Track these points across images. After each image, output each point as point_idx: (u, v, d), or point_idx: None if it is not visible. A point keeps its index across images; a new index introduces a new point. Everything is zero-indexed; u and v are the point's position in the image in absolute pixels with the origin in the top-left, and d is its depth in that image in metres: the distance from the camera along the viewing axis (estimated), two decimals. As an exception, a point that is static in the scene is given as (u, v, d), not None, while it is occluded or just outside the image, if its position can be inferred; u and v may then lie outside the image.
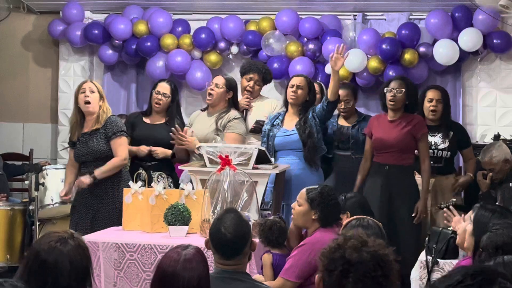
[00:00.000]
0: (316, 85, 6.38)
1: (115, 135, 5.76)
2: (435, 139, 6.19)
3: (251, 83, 6.47)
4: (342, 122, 6.49)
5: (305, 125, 5.93)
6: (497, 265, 2.86)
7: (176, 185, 5.86)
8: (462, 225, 4.08)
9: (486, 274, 2.06)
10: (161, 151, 6.17)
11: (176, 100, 6.36)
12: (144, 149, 6.16)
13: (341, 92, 6.26)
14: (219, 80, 6.19)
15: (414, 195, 5.90)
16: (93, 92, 5.75)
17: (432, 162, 6.01)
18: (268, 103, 6.53)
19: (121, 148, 5.78)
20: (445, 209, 4.70)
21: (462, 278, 2.05)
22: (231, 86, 6.20)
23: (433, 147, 6.13)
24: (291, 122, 6.04)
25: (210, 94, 6.14)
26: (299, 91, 6.01)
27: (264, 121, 6.29)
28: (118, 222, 5.51)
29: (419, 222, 5.89)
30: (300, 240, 4.58)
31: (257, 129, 6.34)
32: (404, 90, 5.92)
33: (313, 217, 4.47)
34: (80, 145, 5.79)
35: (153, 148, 6.16)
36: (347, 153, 6.38)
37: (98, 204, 5.75)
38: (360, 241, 2.47)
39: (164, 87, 6.30)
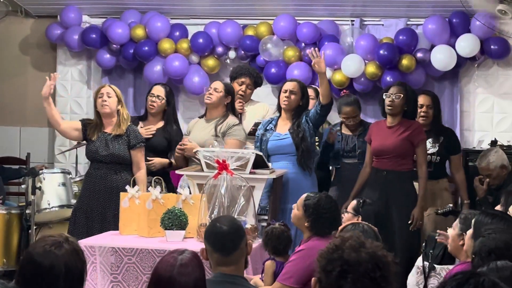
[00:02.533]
0: (310, 90, 6.40)
1: (138, 144, 5.88)
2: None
3: (243, 87, 6.53)
4: (346, 131, 6.49)
5: (299, 129, 5.94)
6: (490, 271, 2.86)
7: (171, 191, 5.87)
8: (451, 232, 4.09)
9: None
10: (158, 162, 6.18)
11: (172, 104, 6.39)
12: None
13: (347, 110, 6.35)
14: (218, 84, 6.22)
15: (411, 201, 5.89)
16: (110, 96, 5.86)
17: None
18: (260, 107, 6.60)
19: (143, 159, 5.93)
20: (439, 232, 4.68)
21: None
22: (229, 91, 6.22)
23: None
24: (284, 126, 6.05)
25: (208, 98, 6.15)
26: (292, 96, 6.02)
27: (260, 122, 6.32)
28: None
29: (417, 228, 5.88)
30: None
31: (255, 131, 6.36)
32: (402, 95, 5.91)
33: (306, 224, 4.44)
34: (100, 144, 5.83)
35: (150, 160, 6.15)
36: (354, 161, 6.38)
37: (111, 209, 5.78)
38: (358, 242, 2.47)
39: (158, 90, 6.37)
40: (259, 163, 5.46)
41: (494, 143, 6.92)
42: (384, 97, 5.97)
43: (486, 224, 3.76)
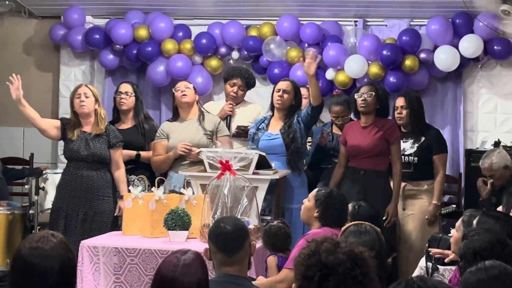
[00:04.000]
0: (304, 89, 6.41)
1: (118, 144, 5.90)
2: (405, 144, 6.28)
3: (235, 88, 6.56)
4: (336, 130, 6.52)
5: (290, 129, 5.97)
6: (479, 270, 2.84)
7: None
8: (454, 235, 4.09)
9: None
10: (125, 153, 6.12)
11: (140, 99, 6.43)
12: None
13: (337, 109, 6.40)
14: (186, 83, 6.30)
15: (388, 198, 5.96)
16: (87, 97, 5.87)
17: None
18: (252, 108, 6.60)
19: (121, 158, 5.95)
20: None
21: None
22: (195, 88, 6.32)
23: (401, 153, 6.15)
24: (276, 126, 6.07)
25: (184, 95, 6.18)
26: (285, 96, 6.05)
27: (245, 126, 6.35)
28: (112, 228, 5.60)
29: (392, 225, 5.93)
30: None
31: (239, 134, 6.40)
32: (374, 93, 6.01)
33: (315, 214, 4.59)
34: (80, 143, 5.83)
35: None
36: None
37: (92, 209, 5.78)
38: (332, 243, 2.47)
39: (125, 87, 6.44)
40: (262, 164, 5.47)
41: (497, 143, 6.92)
42: (356, 97, 6.04)
43: (489, 225, 3.75)
